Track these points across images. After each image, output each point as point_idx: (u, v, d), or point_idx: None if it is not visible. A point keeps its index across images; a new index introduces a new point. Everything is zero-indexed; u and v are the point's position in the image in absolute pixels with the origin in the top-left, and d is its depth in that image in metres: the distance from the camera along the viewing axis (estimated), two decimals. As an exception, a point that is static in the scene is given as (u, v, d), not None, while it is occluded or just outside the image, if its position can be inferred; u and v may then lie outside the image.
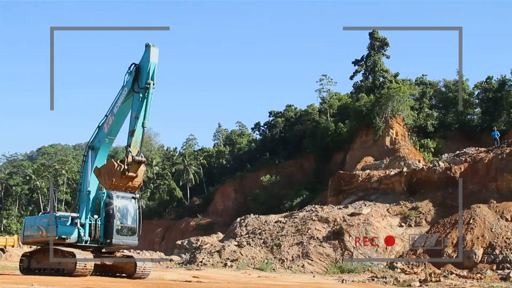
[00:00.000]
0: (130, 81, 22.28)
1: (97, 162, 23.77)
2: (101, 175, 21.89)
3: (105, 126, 23.81)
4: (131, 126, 21.44)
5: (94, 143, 24.39)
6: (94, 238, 23.38)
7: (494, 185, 42.10)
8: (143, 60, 21.92)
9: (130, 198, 24.29)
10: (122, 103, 22.87)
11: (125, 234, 23.90)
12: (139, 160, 21.07)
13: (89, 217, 23.50)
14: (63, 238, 23.08)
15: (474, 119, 70.91)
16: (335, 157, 72.46)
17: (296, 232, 42.35)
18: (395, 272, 33.77)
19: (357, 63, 77.01)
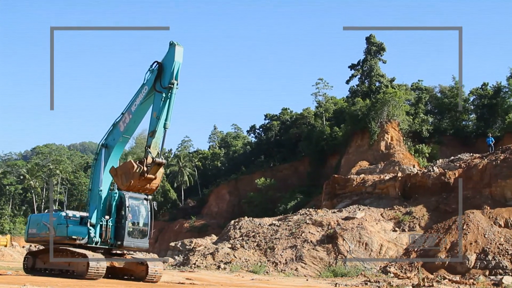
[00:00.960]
0: (152, 79, 21.58)
1: (111, 161, 23.25)
2: (118, 176, 21.17)
3: (121, 125, 23.08)
4: (151, 127, 20.70)
5: (108, 141, 23.63)
6: (104, 239, 22.75)
7: (488, 191, 42.21)
8: (167, 59, 21.19)
9: (142, 199, 23.76)
10: (141, 102, 22.19)
11: (137, 236, 23.33)
12: (160, 162, 20.40)
13: (100, 217, 22.87)
14: (73, 239, 22.46)
15: (469, 125, 71.17)
16: (330, 161, 72.56)
17: (290, 235, 42.37)
18: (388, 276, 33.80)
19: (353, 67, 77.20)
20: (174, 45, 20.96)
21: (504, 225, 38.28)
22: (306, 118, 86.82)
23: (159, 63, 21.54)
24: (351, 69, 77.50)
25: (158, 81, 21.25)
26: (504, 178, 41.57)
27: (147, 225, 23.67)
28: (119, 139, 23.22)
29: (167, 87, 20.72)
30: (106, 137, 23.72)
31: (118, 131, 23.17)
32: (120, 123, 23.14)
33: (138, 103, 22.23)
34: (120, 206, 23.14)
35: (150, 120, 20.85)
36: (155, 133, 20.36)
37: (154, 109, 20.86)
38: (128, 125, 22.84)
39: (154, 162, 20.21)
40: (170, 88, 20.65)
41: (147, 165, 20.24)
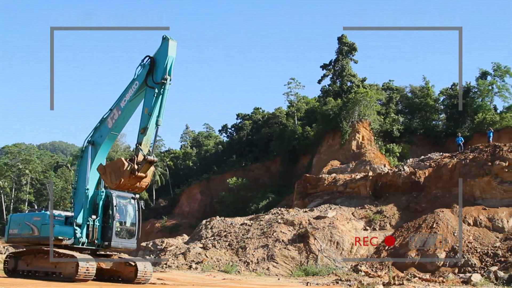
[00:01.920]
0: (143, 74, 20.91)
1: (98, 159, 22.51)
2: (107, 174, 20.51)
3: (109, 121, 22.30)
4: (142, 123, 20.05)
5: (95, 138, 22.81)
6: (91, 240, 22.01)
7: (457, 190, 42.65)
8: (160, 54, 20.58)
9: (130, 198, 23.17)
10: (131, 97, 21.49)
11: (124, 236, 22.64)
12: (151, 160, 19.81)
13: (86, 217, 22.08)
14: (59, 239, 21.59)
15: (439, 125, 71.87)
16: (302, 160, 72.71)
17: (261, 235, 42.40)
18: (359, 275, 33.95)
19: (325, 67, 77.38)
20: (167, 39, 20.45)
21: (473, 224, 38.74)
22: (278, 118, 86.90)
23: (151, 57, 20.92)
24: (323, 69, 77.71)
25: (150, 76, 20.69)
26: (473, 177, 42.05)
27: (135, 225, 23.07)
28: (107, 136, 22.56)
29: (159, 82, 20.22)
30: (92, 134, 22.98)
31: (106, 128, 22.49)
32: (108, 119, 22.43)
33: (128, 98, 21.63)
34: (107, 206, 22.45)
35: (141, 116, 20.30)
36: (147, 130, 19.83)
37: (145, 105, 20.36)
38: (117, 121, 22.17)
39: (146, 160, 19.68)
40: (163, 84, 20.16)
41: (138, 162, 19.75)
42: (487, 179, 41.37)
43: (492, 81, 66.91)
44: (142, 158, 19.72)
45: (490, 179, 41.27)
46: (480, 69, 68.87)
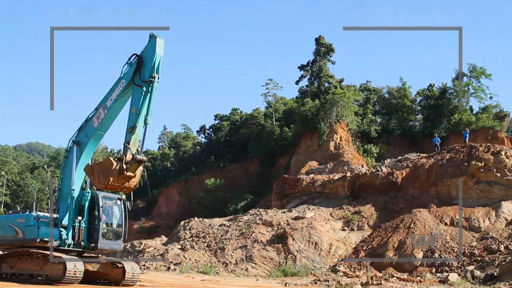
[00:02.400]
0: (130, 73, 20.62)
1: (83, 159, 22.14)
2: (94, 174, 20.08)
3: (95, 120, 21.92)
4: (130, 122, 19.75)
5: (80, 138, 22.37)
6: (77, 241, 21.62)
7: (434, 190, 43.02)
8: (147, 52, 20.34)
9: (116, 199, 22.87)
10: (118, 96, 21.17)
11: (111, 238, 22.34)
12: (140, 159, 19.57)
13: (72, 218, 21.66)
14: (45, 241, 21.12)
15: (416, 126, 72.39)
16: (280, 161, 72.78)
17: (240, 236, 42.38)
18: (337, 275, 34.07)
19: (303, 68, 77.62)
20: (154, 37, 20.23)
21: (449, 223, 39.09)
22: (256, 119, 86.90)
23: (138, 55, 20.63)
24: (301, 70, 77.93)
25: (138, 75, 20.42)
26: (450, 177, 42.43)
27: (121, 226, 22.77)
28: (92, 136, 22.21)
29: (147, 80, 19.99)
30: (77, 134, 22.58)
31: (92, 127, 22.12)
32: (93, 118, 22.06)
33: (115, 97, 21.31)
34: (92, 207, 22.11)
35: (129, 115, 20.03)
36: (135, 129, 19.57)
37: (133, 104, 20.07)
38: (103, 120, 21.82)
39: (135, 159, 19.42)
40: (151, 82, 19.95)
41: (126, 162, 19.46)
42: (464, 179, 41.75)
43: (468, 82, 67.55)
44: (131, 157, 19.48)
45: (467, 179, 41.66)
46: (456, 70, 69.54)
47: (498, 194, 40.48)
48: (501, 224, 38.52)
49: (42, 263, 21.09)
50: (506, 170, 40.87)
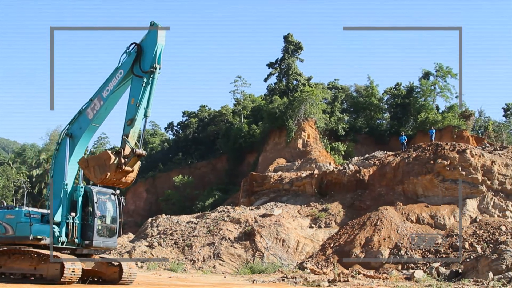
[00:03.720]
0: (129, 63, 19.79)
1: (76, 152, 21.22)
2: (90, 168, 19.35)
3: (90, 112, 20.95)
4: (129, 114, 19.04)
5: (73, 130, 21.38)
6: (71, 239, 20.64)
7: (401, 188, 43.46)
8: (148, 41, 19.52)
9: (109, 194, 21.95)
10: (115, 87, 20.30)
11: (105, 235, 21.48)
12: (140, 153, 18.94)
13: (65, 214, 20.71)
14: (38, 239, 20.23)
15: (383, 124, 72.88)
16: (248, 158, 72.75)
17: (207, 233, 42.30)
18: (305, 272, 34.24)
19: (271, 65, 77.62)
20: (156, 26, 19.45)
21: (415, 221, 39.55)
22: (224, 116, 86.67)
23: (137, 45, 19.85)
24: (269, 67, 77.94)
25: (137, 65, 19.66)
26: (416, 175, 42.90)
27: (116, 222, 21.93)
28: (87, 128, 21.23)
29: (148, 71, 19.24)
30: (70, 126, 21.61)
31: (86, 119, 21.15)
32: (88, 110, 21.09)
33: (112, 88, 20.46)
34: (85, 202, 21.21)
35: (128, 107, 19.35)
36: (134, 122, 18.92)
37: (132, 95, 19.39)
38: (98, 112, 20.88)
39: (134, 153, 18.79)
40: (152, 73, 19.22)
41: (125, 156, 18.82)
42: (430, 177, 42.28)
43: (435, 81, 68.28)
44: (129, 151, 18.90)
45: (432, 177, 42.19)
46: (423, 70, 70.19)
47: (463, 192, 41.01)
48: (465, 222, 39.07)
49: (36, 262, 20.24)
50: (471, 168, 41.45)
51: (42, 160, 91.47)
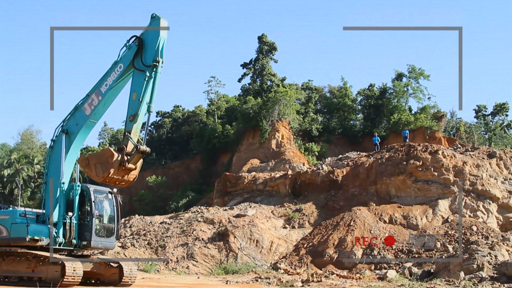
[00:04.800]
0: (130, 56, 19.33)
1: (73, 149, 20.74)
2: (91, 166, 18.92)
3: (87, 107, 20.35)
4: (131, 110, 18.68)
5: (69, 127, 20.72)
6: (68, 239, 20.04)
7: (374, 188, 43.75)
8: (150, 34, 19.01)
9: (106, 192, 21.44)
10: (114, 81, 19.82)
11: (103, 235, 20.91)
12: (144, 150, 18.62)
13: (63, 214, 20.06)
14: (35, 240, 19.53)
15: (356, 125, 73.30)
16: (222, 158, 72.67)
17: (181, 233, 42.13)
18: (278, 272, 34.27)
19: (245, 66, 77.64)
20: (158, 18, 19.02)
21: (388, 221, 39.82)
22: (198, 116, 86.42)
23: (139, 38, 19.31)
24: (243, 68, 77.96)
25: (139, 59, 19.17)
26: (389, 176, 43.21)
27: (114, 222, 21.33)
28: (84, 124, 20.65)
29: (150, 65, 18.77)
30: (66, 122, 21.00)
31: (83, 115, 20.56)
32: (85, 105, 20.51)
33: (111, 83, 19.98)
34: (82, 201, 20.63)
35: (129, 102, 18.95)
36: (137, 117, 18.57)
37: (133, 90, 18.96)
38: (96, 108, 20.37)
39: (138, 150, 18.43)
40: (155, 67, 18.76)
41: (128, 153, 18.44)
42: (402, 178, 42.62)
43: (407, 82, 68.87)
44: (132, 148, 18.55)
45: (405, 177, 42.54)
46: (396, 71, 70.74)
47: (435, 193, 41.44)
48: (437, 222, 39.47)
49: (35, 264, 19.65)
50: (443, 169, 41.86)
51: (13, 160, 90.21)
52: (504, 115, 74.17)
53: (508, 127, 73.32)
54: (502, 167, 44.17)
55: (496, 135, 67.77)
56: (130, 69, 19.56)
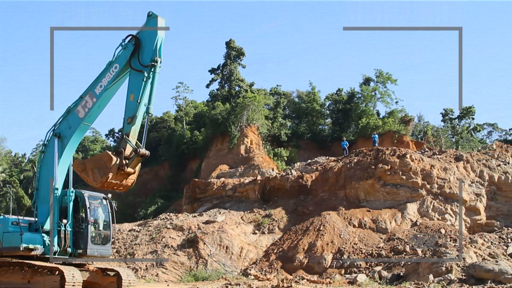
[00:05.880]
0: (126, 56, 18.77)
1: (66, 154, 19.95)
2: (88, 171, 18.29)
3: (80, 110, 19.67)
4: (129, 112, 18.12)
5: (62, 130, 20.03)
6: (63, 248, 19.30)
7: (343, 192, 43.86)
8: (147, 33, 18.50)
9: (101, 198, 20.80)
10: (109, 83, 19.17)
11: (99, 242, 20.31)
12: (144, 153, 18.13)
13: (57, 222, 19.28)
14: (30, 249, 18.79)
15: (325, 129, 73.51)
16: (191, 165, 72.35)
17: (150, 241, 41.76)
18: (248, 278, 34.12)
19: (213, 71, 77.54)
20: (155, 16, 18.54)
21: (358, 225, 39.91)
22: (166, 122, 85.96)
23: (135, 37, 18.72)
24: (211, 73, 77.85)
25: (135, 59, 18.63)
26: (358, 180, 43.37)
27: (109, 228, 20.79)
28: (77, 127, 19.96)
29: (148, 65, 18.22)
30: (58, 126, 20.31)
31: (76, 118, 19.87)
32: (78, 108, 19.83)
33: (106, 84, 19.33)
34: (75, 207, 19.91)
35: (126, 104, 18.36)
36: (135, 119, 18.01)
37: (131, 91, 18.38)
38: (91, 110, 19.65)
39: (138, 153, 17.92)
40: (153, 67, 18.23)
41: (126, 157, 17.88)
42: (371, 182, 42.80)
43: (375, 87, 69.31)
44: (131, 151, 18.05)
45: (374, 182, 42.72)
46: (363, 75, 71.16)
47: (403, 196, 41.68)
48: (406, 225, 39.69)
49: (30, 275, 18.85)
50: (411, 172, 42.14)
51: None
52: (471, 119, 75.28)
53: (474, 130, 74.40)
54: (469, 170, 44.60)
55: (463, 139, 68.55)
56: (126, 69, 19.08)
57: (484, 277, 28.39)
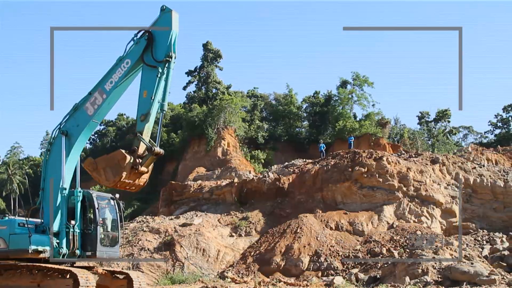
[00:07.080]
0: (139, 51, 18.12)
1: (73, 152, 19.21)
2: (100, 170, 17.67)
3: (89, 107, 18.95)
4: (143, 109, 17.49)
5: (69, 128, 19.24)
6: (71, 250, 18.73)
7: (320, 195, 43.87)
8: (161, 27, 17.93)
9: (109, 199, 20.20)
10: (120, 79, 18.46)
11: (107, 244, 19.58)
12: (158, 152, 17.65)
13: (65, 223, 18.58)
14: (38, 251, 18.03)
15: (302, 132, 73.71)
16: (167, 167, 72.01)
17: (126, 244, 41.44)
18: (225, 281, 33.98)
19: (190, 73, 77.33)
20: (169, 11, 17.86)
21: (335, 228, 39.96)
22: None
23: (149, 32, 18.10)
24: (188, 75, 77.62)
25: (149, 54, 18.02)
26: (335, 182, 43.44)
27: (117, 230, 20.15)
28: (86, 125, 19.24)
29: (163, 60, 17.67)
30: (65, 123, 19.48)
31: (85, 115, 19.10)
32: (87, 105, 19.06)
33: (117, 80, 18.60)
34: (87, 208, 19.27)
35: (139, 100, 17.77)
36: (149, 116, 17.46)
37: (144, 87, 17.78)
38: (100, 107, 18.90)
39: (152, 152, 17.48)
40: (167, 62, 17.68)
41: (139, 155, 17.44)
42: (348, 185, 42.89)
43: (352, 90, 69.63)
44: (144, 149, 17.63)
45: (351, 184, 42.82)
46: (340, 78, 71.46)
47: (380, 199, 41.85)
48: (383, 228, 39.83)
49: (40, 278, 18.14)
50: (387, 175, 42.32)
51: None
52: (446, 121, 76.00)
53: (450, 133, 75.09)
54: (445, 172, 44.93)
55: (439, 141, 69.15)
56: (138, 65, 18.53)
57: (460, 279, 28.56)
